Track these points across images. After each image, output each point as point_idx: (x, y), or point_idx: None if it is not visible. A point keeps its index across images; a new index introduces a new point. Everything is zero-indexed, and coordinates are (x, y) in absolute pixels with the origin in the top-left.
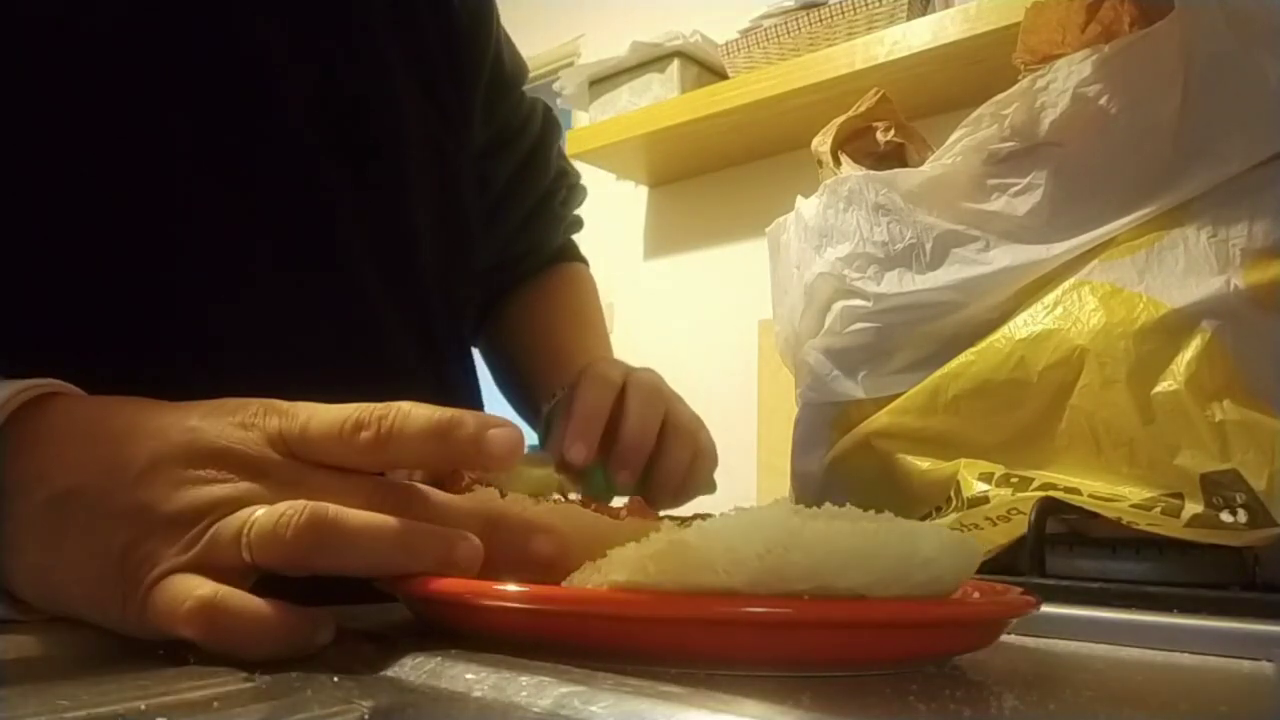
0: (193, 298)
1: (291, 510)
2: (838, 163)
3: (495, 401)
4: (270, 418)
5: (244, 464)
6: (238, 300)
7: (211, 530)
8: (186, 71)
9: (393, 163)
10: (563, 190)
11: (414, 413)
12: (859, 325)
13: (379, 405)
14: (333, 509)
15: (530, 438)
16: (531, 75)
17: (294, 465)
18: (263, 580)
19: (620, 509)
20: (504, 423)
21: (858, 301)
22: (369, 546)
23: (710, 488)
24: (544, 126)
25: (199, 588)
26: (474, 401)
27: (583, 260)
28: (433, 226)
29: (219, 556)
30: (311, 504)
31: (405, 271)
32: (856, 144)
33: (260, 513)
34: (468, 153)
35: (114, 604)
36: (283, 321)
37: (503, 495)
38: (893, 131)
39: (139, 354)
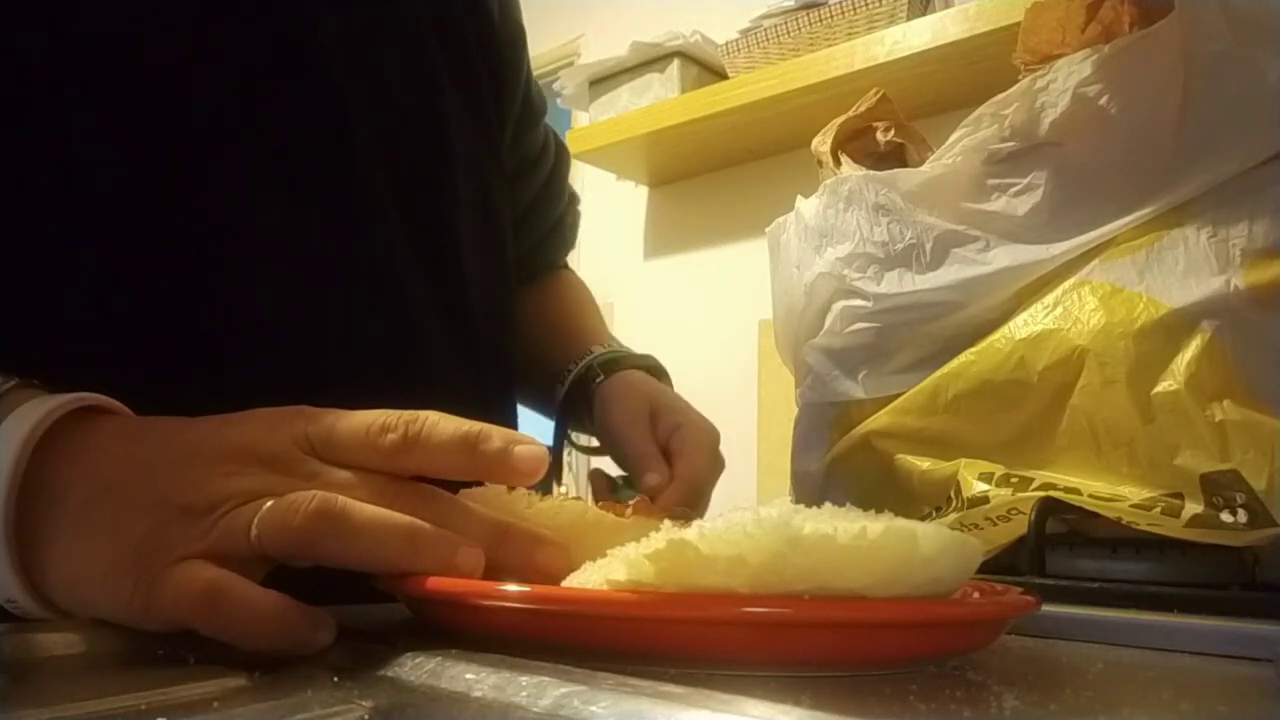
0: (236, 304)
1: (300, 499)
2: (838, 163)
3: (529, 415)
4: (298, 420)
5: (265, 459)
6: (281, 306)
7: (224, 519)
8: (244, 76)
9: (440, 176)
10: (570, 215)
11: (442, 423)
12: (859, 325)
13: (407, 412)
14: (341, 500)
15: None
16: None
17: (314, 462)
18: (266, 580)
19: (625, 507)
20: (530, 440)
21: (858, 301)
22: (374, 541)
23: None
24: (558, 153)
25: (205, 572)
26: (510, 412)
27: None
28: (475, 240)
29: (230, 544)
30: (321, 494)
31: (450, 281)
32: (856, 144)
33: (271, 501)
34: (502, 173)
35: (124, 591)
36: (326, 328)
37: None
38: (893, 131)
39: (182, 362)
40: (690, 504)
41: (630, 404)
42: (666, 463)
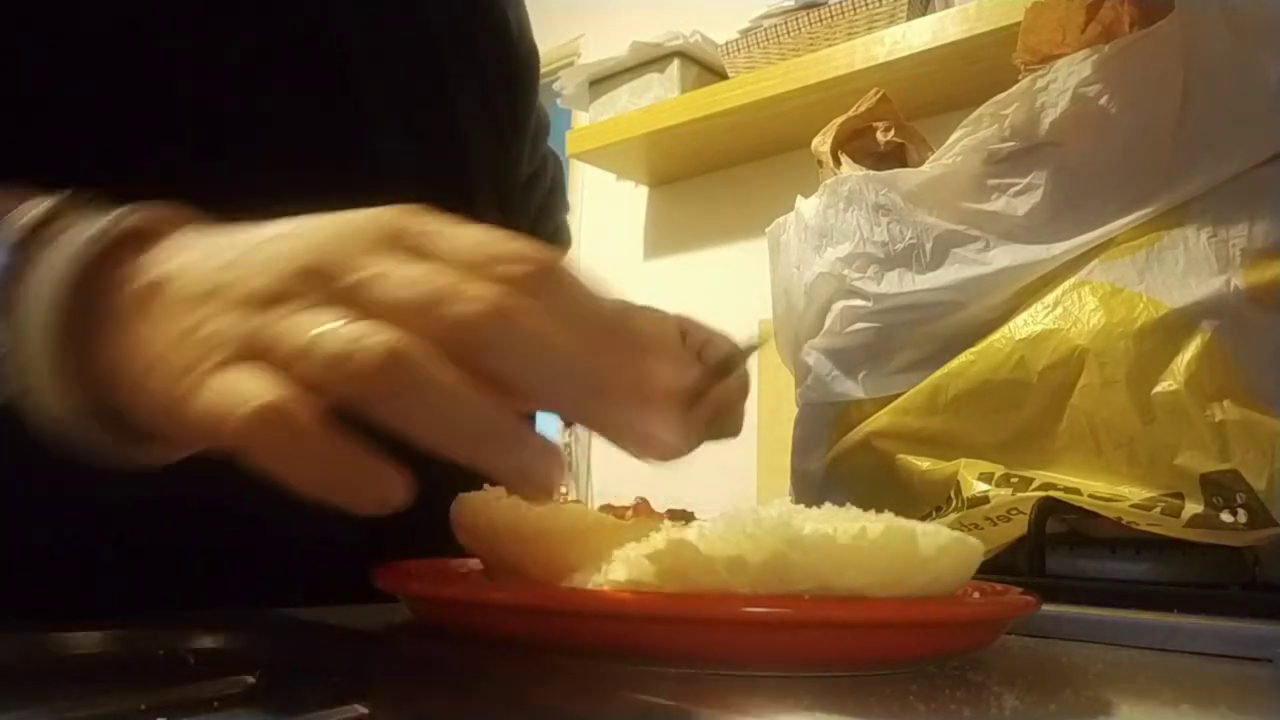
0: None
1: (373, 342)
2: (838, 163)
3: None
4: (391, 214)
5: (345, 259)
6: None
7: (285, 325)
8: (275, 79)
9: (460, 188)
10: (568, 223)
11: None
12: (859, 325)
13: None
14: (422, 360)
15: None
16: None
17: (404, 271)
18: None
19: (625, 509)
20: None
21: (858, 301)
22: (439, 423)
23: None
24: (555, 163)
25: (263, 389)
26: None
27: None
28: None
29: (280, 355)
30: (398, 343)
31: None
32: (856, 144)
33: (338, 326)
34: (516, 185)
35: (165, 382)
36: None
37: None
38: (893, 131)
39: None
40: (737, 400)
41: (661, 323)
42: None
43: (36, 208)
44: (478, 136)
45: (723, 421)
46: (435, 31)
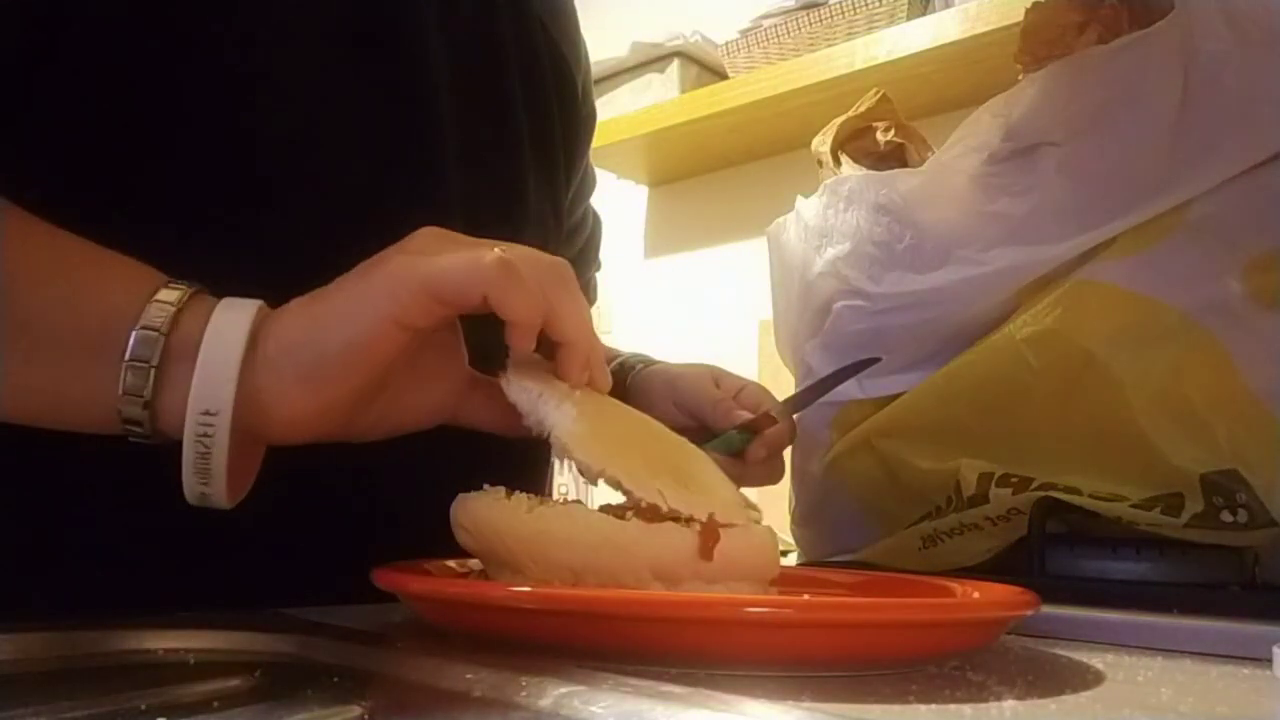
0: None
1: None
2: (838, 163)
3: None
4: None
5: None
6: None
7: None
8: (363, 133)
9: (512, 236)
10: (596, 279)
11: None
12: (859, 325)
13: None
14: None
15: None
16: None
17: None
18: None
19: (625, 509)
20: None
21: (858, 301)
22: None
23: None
24: (594, 226)
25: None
26: (543, 467)
27: None
28: None
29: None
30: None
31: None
32: (856, 144)
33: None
34: (560, 236)
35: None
36: None
37: None
38: (893, 131)
39: None
40: (787, 445)
41: (693, 372)
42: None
43: (170, 297)
44: (534, 171)
45: (770, 467)
46: (509, 81)
